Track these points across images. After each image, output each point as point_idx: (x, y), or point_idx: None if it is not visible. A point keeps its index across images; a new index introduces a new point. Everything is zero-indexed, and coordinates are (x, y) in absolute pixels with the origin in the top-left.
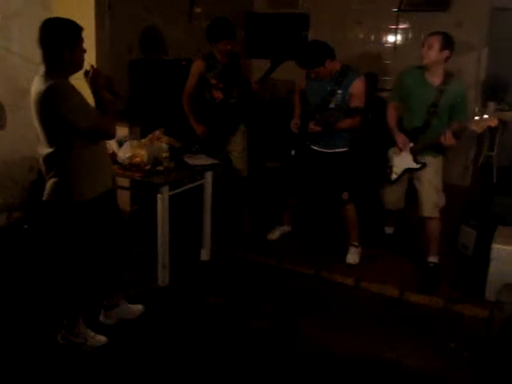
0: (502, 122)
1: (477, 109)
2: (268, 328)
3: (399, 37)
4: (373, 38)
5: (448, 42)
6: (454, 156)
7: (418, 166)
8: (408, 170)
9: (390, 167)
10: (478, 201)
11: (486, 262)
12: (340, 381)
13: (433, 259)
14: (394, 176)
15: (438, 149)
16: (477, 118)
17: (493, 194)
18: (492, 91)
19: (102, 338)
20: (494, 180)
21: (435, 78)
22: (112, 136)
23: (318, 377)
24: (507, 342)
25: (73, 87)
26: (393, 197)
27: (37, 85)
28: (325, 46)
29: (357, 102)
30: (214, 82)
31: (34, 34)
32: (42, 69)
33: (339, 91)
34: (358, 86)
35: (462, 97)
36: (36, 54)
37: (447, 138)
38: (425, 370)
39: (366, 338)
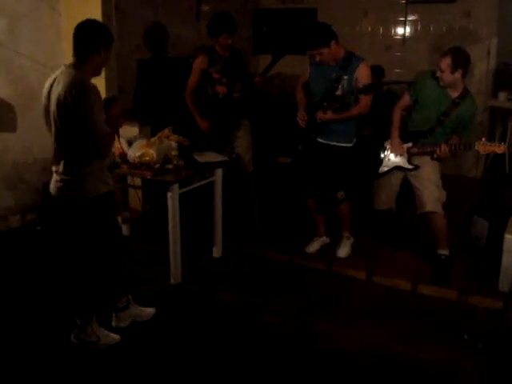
0: None
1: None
2: (280, 324)
3: (408, 29)
4: (381, 30)
5: (459, 62)
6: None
7: (410, 167)
8: (399, 168)
9: (382, 160)
10: (490, 192)
11: (498, 253)
12: (353, 375)
13: (444, 252)
14: (385, 169)
15: (431, 156)
16: (484, 139)
17: (505, 185)
18: (502, 81)
19: (115, 337)
20: (507, 171)
21: (454, 92)
22: (103, 154)
23: (331, 372)
24: None
25: (97, 89)
26: (384, 196)
27: (64, 76)
28: (329, 27)
29: (365, 83)
30: (217, 76)
31: (41, 35)
32: (70, 61)
33: (345, 77)
34: (363, 71)
35: (471, 114)
36: (44, 55)
37: (442, 151)
38: (439, 362)
39: (379, 331)
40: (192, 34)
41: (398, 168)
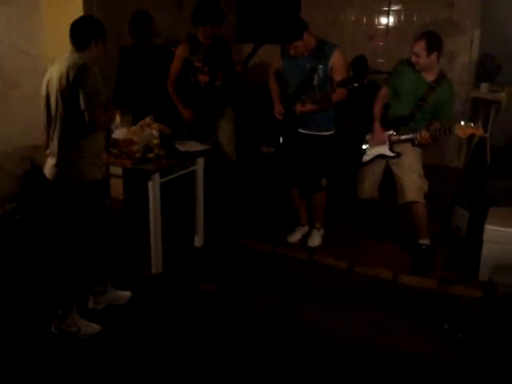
0: (496, 103)
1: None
2: (262, 313)
3: (391, 18)
4: (365, 19)
5: (433, 44)
6: (448, 137)
7: (392, 154)
8: (381, 156)
9: (364, 150)
10: (471, 182)
11: (479, 243)
12: (335, 364)
13: (425, 241)
14: (366, 158)
15: (413, 143)
16: (463, 123)
17: (486, 176)
18: (485, 72)
19: (95, 326)
20: (488, 161)
21: (429, 75)
22: (96, 128)
23: (313, 361)
24: (499, 321)
25: (98, 71)
26: (367, 185)
27: (67, 61)
28: (300, 19)
29: (341, 76)
30: (198, 65)
31: (22, 22)
32: (70, 50)
33: (320, 66)
34: (337, 58)
35: (448, 97)
36: (25, 43)
37: (422, 137)
38: (419, 351)
39: (360, 320)
40: (175, 22)
41: (380, 156)
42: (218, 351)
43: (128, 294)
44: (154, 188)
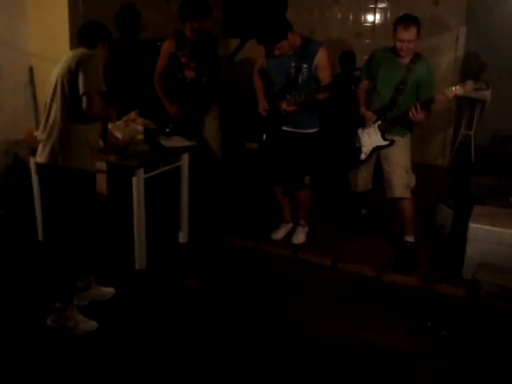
0: (481, 101)
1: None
2: (246, 310)
3: (378, 16)
4: (351, 17)
5: (419, 27)
6: (433, 135)
7: (386, 142)
8: (377, 148)
9: (359, 148)
10: (455, 180)
11: (462, 242)
12: (318, 361)
13: (409, 239)
14: (363, 156)
15: (405, 125)
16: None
17: (470, 174)
18: (470, 70)
19: (92, 323)
20: (472, 159)
21: (405, 58)
22: (92, 114)
23: (295, 356)
24: (483, 319)
25: (100, 60)
26: (361, 179)
27: (73, 52)
28: (283, 19)
29: (325, 76)
30: (184, 60)
31: (5, 15)
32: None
33: (304, 65)
34: (322, 57)
35: (428, 76)
36: (9, 37)
37: (415, 111)
38: (403, 349)
39: (344, 318)
40: (162, 17)
41: (376, 149)
42: (202, 347)
43: (111, 290)
44: (138, 183)
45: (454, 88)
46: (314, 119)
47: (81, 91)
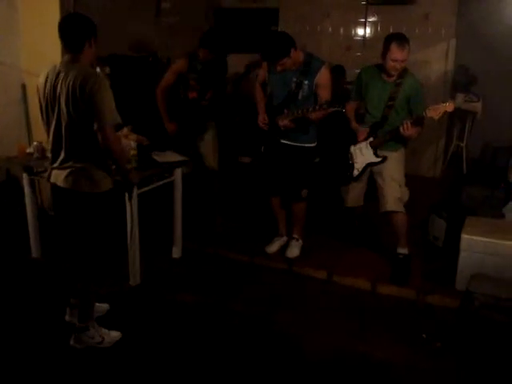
0: (472, 113)
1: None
2: (241, 324)
3: (368, 29)
4: (342, 30)
5: (409, 43)
6: (425, 147)
7: (378, 159)
8: (369, 165)
9: (352, 164)
10: (448, 192)
11: (456, 253)
12: (312, 374)
13: (403, 251)
14: (355, 172)
15: (398, 140)
16: (431, 106)
17: (462, 185)
18: (460, 82)
19: (116, 334)
20: (464, 171)
21: (393, 76)
22: (110, 149)
23: (291, 370)
24: (477, 330)
25: (107, 81)
26: (353, 194)
27: (73, 70)
28: (286, 36)
29: (325, 94)
30: (192, 83)
31: None
32: (65, 57)
33: (306, 82)
34: (323, 76)
35: (416, 90)
36: (0, 52)
37: (406, 127)
38: (398, 361)
39: (339, 331)
40: (151, 32)
41: (368, 165)
42: (197, 362)
43: (106, 306)
44: (131, 199)
45: (444, 105)
46: (312, 134)
47: (96, 125)
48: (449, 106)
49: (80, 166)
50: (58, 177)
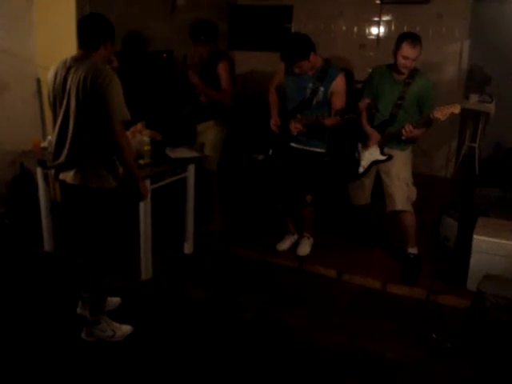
0: (485, 114)
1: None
2: (251, 320)
3: (382, 29)
4: (355, 29)
5: (421, 43)
6: (437, 147)
7: (384, 157)
8: (375, 163)
9: (358, 161)
10: (459, 192)
11: (467, 253)
12: (323, 372)
13: (412, 250)
14: (361, 169)
15: (405, 140)
16: (438, 107)
17: (474, 186)
18: (474, 83)
19: (127, 327)
20: (476, 171)
21: (404, 74)
22: (118, 145)
23: (301, 368)
24: (488, 331)
25: (117, 77)
26: (360, 192)
27: (83, 66)
28: (307, 39)
29: (339, 103)
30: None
31: (13, 26)
32: (77, 53)
33: (321, 88)
34: (339, 84)
35: (427, 90)
36: (15, 46)
37: (407, 131)
38: (407, 360)
39: (349, 329)
40: (166, 29)
41: (374, 163)
42: (207, 357)
43: (117, 300)
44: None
45: (450, 106)
46: (322, 139)
47: (105, 120)
48: (455, 108)
49: (87, 162)
50: (67, 174)
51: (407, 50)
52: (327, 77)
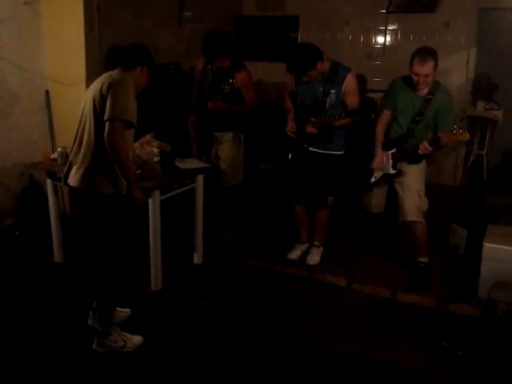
0: (492, 121)
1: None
2: (261, 330)
3: (388, 38)
4: (362, 39)
5: (437, 58)
6: (445, 155)
7: (393, 172)
8: (386, 175)
9: (372, 171)
10: (468, 200)
11: (477, 261)
12: (334, 381)
13: (423, 259)
14: (372, 179)
15: (417, 157)
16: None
17: (483, 193)
18: (481, 90)
19: (138, 338)
20: (485, 179)
21: (424, 90)
22: (114, 147)
23: (311, 377)
24: (499, 339)
25: (133, 88)
26: (375, 200)
27: (107, 74)
28: (313, 48)
29: (353, 101)
30: (206, 91)
31: (22, 39)
32: (116, 71)
33: (332, 90)
34: (350, 83)
35: (446, 106)
36: (25, 59)
37: (422, 148)
38: (419, 369)
39: (359, 338)
40: (174, 40)
41: (385, 175)
42: (217, 367)
43: (127, 311)
44: (154, 205)
45: (460, 133)
46: (340, 142)
47: (105, 117)
48: (464, 136)
49: (95, 167)
50: (73, 178)
51: (417, 67)
52: (337, 78)
